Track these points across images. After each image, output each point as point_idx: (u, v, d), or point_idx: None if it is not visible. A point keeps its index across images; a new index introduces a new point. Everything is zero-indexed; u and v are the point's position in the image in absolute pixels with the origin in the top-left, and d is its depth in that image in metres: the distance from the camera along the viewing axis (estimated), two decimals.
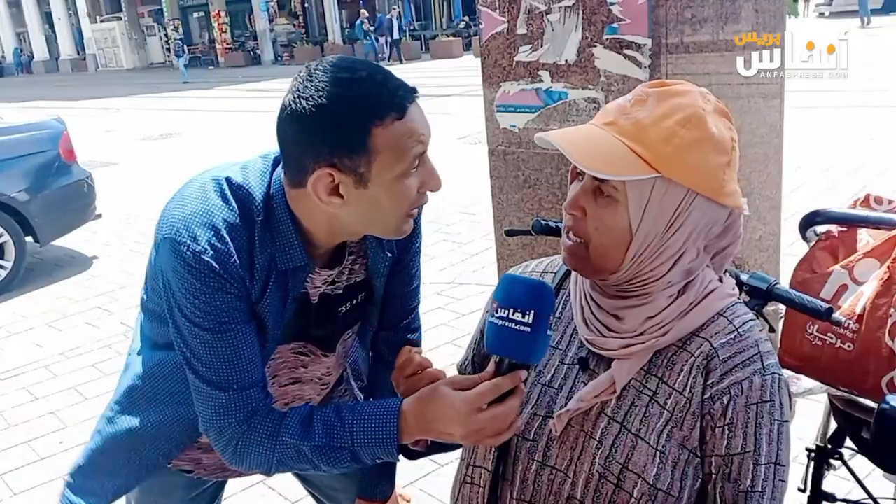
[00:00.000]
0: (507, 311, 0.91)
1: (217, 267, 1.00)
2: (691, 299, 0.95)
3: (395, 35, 23.46)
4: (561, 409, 0.98)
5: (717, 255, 0.99)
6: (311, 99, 0.94)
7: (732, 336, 0.94)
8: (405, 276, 1.27)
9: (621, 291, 0.97)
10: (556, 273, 1.13)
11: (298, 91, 0.96)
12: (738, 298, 1.01)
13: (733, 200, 0.93)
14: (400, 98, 0.96)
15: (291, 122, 0.97)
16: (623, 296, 0.97)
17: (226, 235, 1.01)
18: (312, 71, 0.97)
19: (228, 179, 1.05)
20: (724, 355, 0.93)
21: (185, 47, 20.69)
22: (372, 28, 23.79)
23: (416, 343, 1.38)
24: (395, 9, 24.06)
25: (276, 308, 1.09)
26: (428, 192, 1.04)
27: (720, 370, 0.92)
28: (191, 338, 1.04)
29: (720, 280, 1.00)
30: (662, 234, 0.91)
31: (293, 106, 0.96)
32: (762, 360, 0.93)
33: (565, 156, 0.90)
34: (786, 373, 1.19)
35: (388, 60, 22.62)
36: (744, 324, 0.96)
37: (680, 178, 0.89)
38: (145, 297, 1.19)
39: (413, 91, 0.99)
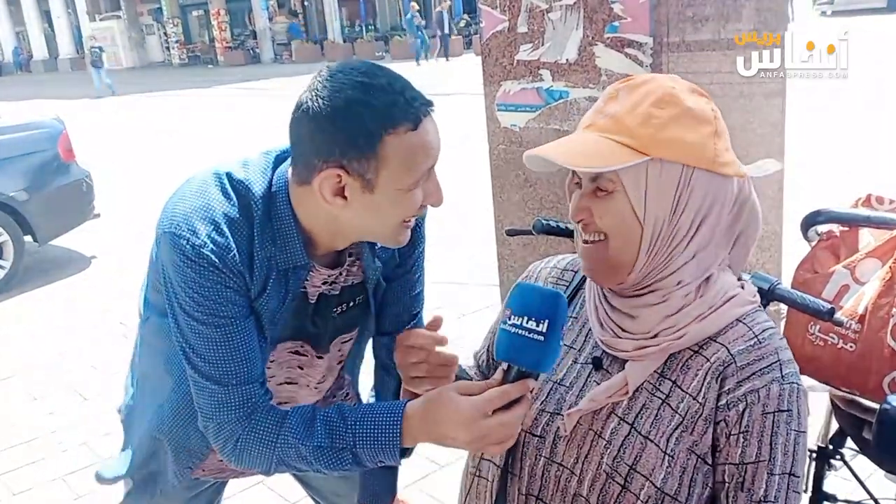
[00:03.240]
0: (520, 319, 0.89)
1: (216, 261, 1.00)
2: (710, 303, 0.94)
3: (446, 30, 22.77)
4: (570, 406, 0.98)
5: (734, 246, 0.98)
6: (327, 98, 0.94)
7: (751, 343, 0.93)
8: (407, 281, 1.27)
9: (636, 291, 0.96)
10: (576, 272, 1.13)
11: (316, 90, 0.96)
12: (759, 306, 0.99)
13: (732, 169, 0.93)
14: (415, 109, 0.96)
15: (306, 120, 0.97)
16: (638, 294, 0.96)
17: (226, 230, 1.01)
18: (333, 72, 0.97)
19: (229, 174, 1.05)
20: (742, 362, 0.92)
21: (104, 57, 20.03)
22: (423, 22, 22.86)
23: None
24: (445, 1, 23.15)
25: (275, 305, 1.09)
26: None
27: (737, 377, 0.91)
28: (189, 332, 1.04)
29: (742, 287, 0.99)
30: (670, 217, 0.91)
31: (309, 104, 0.96)
32: (781, 369, 0.91)
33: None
34: None
35: (436, 57, 22.16)
36: (763, 331, 0.94)
37: (669, 155, 0.89)
38: (148, 295, 1.18)
39: (429, 104, 0.99)
